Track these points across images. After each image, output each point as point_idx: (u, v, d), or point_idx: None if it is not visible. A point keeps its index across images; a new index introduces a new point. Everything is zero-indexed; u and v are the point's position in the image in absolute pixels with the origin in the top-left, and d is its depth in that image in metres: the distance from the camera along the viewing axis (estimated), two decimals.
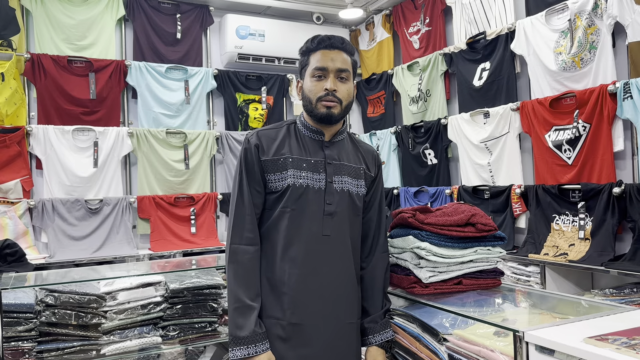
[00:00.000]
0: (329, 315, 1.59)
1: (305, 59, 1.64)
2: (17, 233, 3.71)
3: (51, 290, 2.38)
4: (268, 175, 1.59)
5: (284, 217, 1.58)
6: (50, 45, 4.00)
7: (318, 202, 1.59)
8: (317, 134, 1.65)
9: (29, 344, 2.28)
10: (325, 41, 1.61)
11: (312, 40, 1.63)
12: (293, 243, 1.57)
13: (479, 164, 3.71)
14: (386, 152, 4.75)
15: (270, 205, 1.61)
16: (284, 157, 1.59)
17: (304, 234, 1.57)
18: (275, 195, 1.59)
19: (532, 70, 3.35)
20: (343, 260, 1.62)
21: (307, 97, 1.62)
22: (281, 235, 1.58)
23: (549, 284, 2.93)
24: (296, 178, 1.58)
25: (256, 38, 4.65)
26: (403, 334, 1.79)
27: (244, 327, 1.48)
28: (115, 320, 2.43)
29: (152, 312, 2.48)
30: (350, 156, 1.69)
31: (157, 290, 2.57)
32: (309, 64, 1.62)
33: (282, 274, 1.57)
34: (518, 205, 3.39)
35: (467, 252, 1.75)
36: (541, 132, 3.24)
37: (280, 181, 1.58)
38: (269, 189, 1.60)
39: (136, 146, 4.20)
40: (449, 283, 1.74)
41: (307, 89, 1.62)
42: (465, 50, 3.87)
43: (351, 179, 1.65)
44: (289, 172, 1.58)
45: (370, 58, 5.12)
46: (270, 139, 1.62)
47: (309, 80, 1.62)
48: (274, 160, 1.59)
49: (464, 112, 3.85)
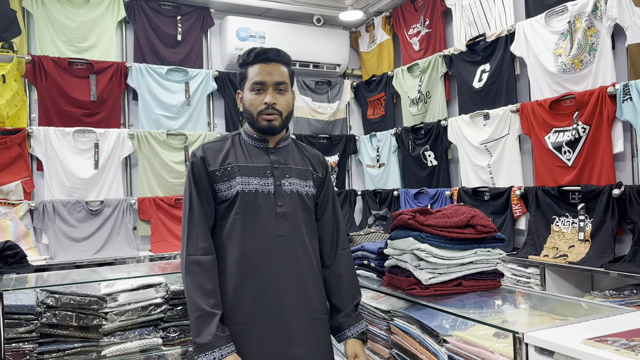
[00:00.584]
0: (293, 313, 1.62)
1: (244, 72, 1.69)
2: (18, 234, 3.71)
3: (52, 291, 2.38)
4: (217, 185, 1.64)
5: (238, 224, 1.62)
6: (51, 47, 4.01)
7: (269, 205, 1.64)
8: (261, 142, 1.71)
9: (29, 345, 2.29)
10: (261, 55, 1.65)
11: (249, 54, 1.68)
12: (250, 247, 1.61)
13: (479, 165, 3.71)
14: (386, 153, 4.76)
15: (222, 214, 1.65)
16: (231, 165, 1.64)
17: (260, 237, 1.62)
18: (226, 204, 1.64)
19: (531, 72, 3.35)
20: (301, 258, 1.66)
21: (248, 110, 1.68)
22: (237, 242, 1.62)
23: (549, 286, 2.93)
24: (244, 185, 1.63)
25: (256, 40, 4.65)
26: (403, 336, 1.80)
27: (205, 333, 1.50)
28: (116, 322, 2.43)
29: (152, 313, 2.47)
30: (296, 160, 1.75)
31: (158, 291, 2.56)
32: (248, 77, 1.67)
33: (243, 278, 1.60)
34: (518, 207, 3.39)
35: (467, 253, 1.76)
36: (541, 133, 3.24)
37: (229, 189, 1.63)
38: (219, 198, 1.65)
39: (137, 148, 4.21)
40: (448, 284, 1.74)
41: (247, 102, 1.68)
42: (465, 52, 3.88)
43: (299, 180, 1.71)
44: (236, 179, 1.63)
45: (370, 60, 5.13)
46: (216, 151, 1.67)
47: (248, 93, 1.67)
48: (221, 170, 1.64)
49: (464, 113, 3.85)
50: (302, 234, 1.68)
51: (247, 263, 1.60)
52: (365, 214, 5.01)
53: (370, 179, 5.02)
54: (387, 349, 1.88)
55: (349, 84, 5.21)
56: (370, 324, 1.99)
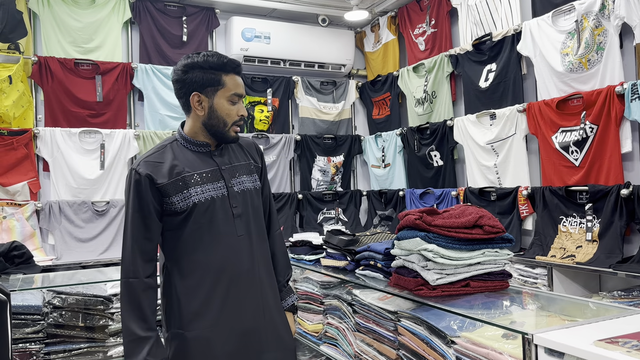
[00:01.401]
0: (261, 303, 1.70)
1: (216, 78, 1.64)
2: (25, 235, 3.73)
3: (58, 292, 2.40)
4: (169, 198, 1.60)
5: (198, 232, 1.63)
6: (57, 48, 4.03)
7: (225, 209, 1.66)
8: (203, 147, 1.69)
9: (36, 345, 2.30)
10: (235, 64, 1.67)
11: (223, 60, 1.64)
12: (214, 251, 1.64)
13: (486, 165, 3.69)
14: (392, 153, 4.75)
15: (177, 225, 1.63)
16: (181, 176, 1.62)
17: (222, 240, 1.65)
18: (182, 215, 1.62)
19: (538, 72, 3.33)
20: (259, 253, 1.73)
21: (222, 119, 1.66)
22: (200, 248, 1.63)
23: (556, 286, 2.91)
24: (201, 193, 1.63)
25: (262, 40, 4.66)
26: (410, 337, 1.79)
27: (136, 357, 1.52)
28: None
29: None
30: (238, 155, 1.77)
31: None
32: (224, 85, 1.65)
33: (210, 283, 1.63)
34: (525, 207, 3.37)
35: (474, 254, 1.75)
36: (548, 133, 3.22)
37: (185, 200, 1.61)
38: (171, 210, 1.61)
39: (142, 148, 4.21)
40: (456, 285, 1.73)
41: (223, 111, 1.66)
42: (471, 52, 3.86)
43: (247, 176, 1.75)
44: (191, 190, 1.62)
45: (376, 60, 5.12)
46: (159, 164, 1.62)
47: (225, 102, 1.66)
48: (172, 182, 1.60)
49: (470, 113, 3.84)
50: (256, 230, 1.75)
51: (212, 267, 1.63)
52: (371, 214, 5.01)
53: (376, 179, 5.01)
54: (394, 350, 1.88)
55: (354, 84, 5.21)
56: (377, 325, 1.98)
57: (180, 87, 1.66)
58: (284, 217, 4.70)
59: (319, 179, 4.99)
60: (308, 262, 2.54)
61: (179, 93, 1.68)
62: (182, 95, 1.67)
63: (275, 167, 4.77)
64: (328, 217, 4.95)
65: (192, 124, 1.68)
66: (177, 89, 1.68)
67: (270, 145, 4.74)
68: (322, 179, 5.00)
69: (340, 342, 2.25)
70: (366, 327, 2.05)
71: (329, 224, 4.91)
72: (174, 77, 1.68)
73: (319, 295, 2.47)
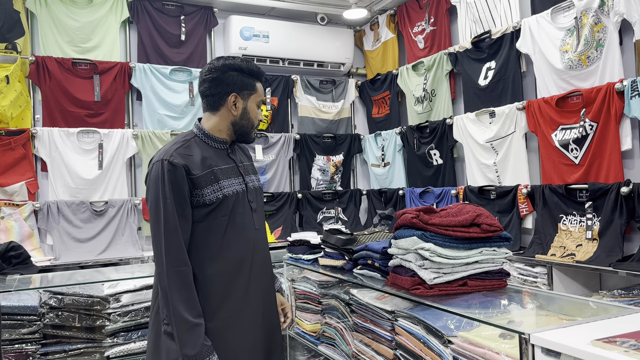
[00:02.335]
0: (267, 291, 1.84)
1: (251, 83, 1.78)
2: (23, 235, 3.72)
3: (55, 292, 2.39)
4: (200, 190, 1.66)
5: (224, 224, 1.70)
6: (55, 47, 4.02)
7: (244, 203, 1.77)
8: (222, 144, 1.79)
9: (32, 346, 2.30)
10: (263, 74, 1.83)
11: (255, 66, 1.80)
12: (238, 243, 1.73)
13: (485, 164, 3.68)
14: (391, 152, 4.74)
15: (202, 217, 1.68)
16: (212, 169, 1.70)
17: (245, 233, 1.75)
18: (209, 208, 1.68)
19: (538, 69, 3.32)
20: (266, 244, 1.89)
21: (251, 120, 1.80)
22: (225, 240, 1.70)
23: (556, 285, 2.90)
24: (228, 187, 1.72)
25: (260, 39, 4.65)
26: (407, 336, 1.77)
27: (193, 345, 1.56)
28: (119, 323, 2.46)
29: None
30: (243, 157, 1.89)
31: None
32: (256, 90, 1.79)
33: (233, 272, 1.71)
34: (524, 206, 3.36)
35: (472, 253, 1.74)
36: (547, 131, 3.21)
37: (215, 193, 1.68)
38: (200, 202, 1.67)
39: (141, 148, 4.21)
40: (453, 284, 1.72)
41: (253, 114, 1.80)
42: (471, 50, 3.85)
43: (254, 175, 1.88)
44: (221, 183, 1.70)
45: (375, 58, 5.11)
46: (190, 156, 1.68)
47: (255, 106, 1.80)
48: (205, 175, 1.67)
49: (470, 111, 3.82)
50: (264, 225, 1.89)
51: (235, 259, 1.71)
52: (371, 213, 4.99)
53: (376, 178, 5.00)
54: (391, 350, 1.86)
55: (353, 83, 5.20)
56: (374, 325, 1.97)
57: (217, 85, 1.73)
58: (283, 217, 4.69)
59: (318, 178, 4.98)
60: (306, 262, 2.53)
61: (211, 90, 1.74)
62: (216, 93, 1.73)
63: (275, 166, 4.76)
64: (328, 216, 4.93)
65: (218, 121, 1.76)
66: (211, 86, 1.73)
67: (269, 145, 4.73)
68: (321, 178, 4.99)
69: (338, 342, 2.24)
70: (364, 326, 2.04)
71: (329, 223, 4.90)
72: (209, 75, 1.73)
73: (317, 295, 2.46)
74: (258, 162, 4.64)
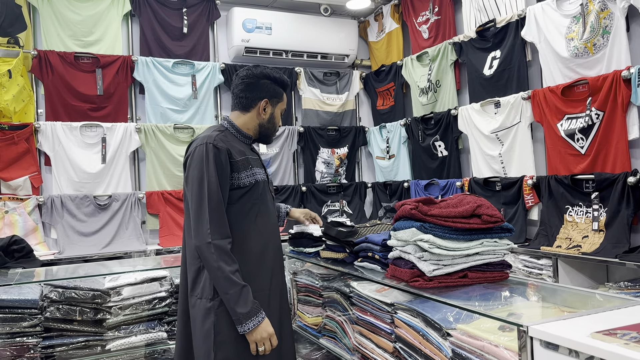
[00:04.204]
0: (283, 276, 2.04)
1: (280, 92, 2.03)
2: (27, 229, 3.73)
3: (55, 285, 2.39)
4: (238, 173, 1.86)
5: (256, 207, 1.91)
6: (57, 41, 4.01)
7: (268, 191, 2.02)
8: (248, 139, 2.02)
9: (33, 339, 2.30)
10: (290, 85, 2.16)
11: (285, 79, 2.04)
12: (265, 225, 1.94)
13: (490, 155, 3.63)
14: (396, 144, 4.70)
15: (236, 199, 1.86)
16: (246, 156, 1.91)
17: (270, 217, 1.98)
18: (244, 190, 1.88)
19: (543, 58, 3.26)
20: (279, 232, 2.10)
21: (275, 126, 2.06)
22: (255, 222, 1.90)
23: (562, 277, 2.86)
24: (258, 174, 1.94)
25: (263, 31, 4.61)
26: (407, 329, 1.75)
27: (247, 303, 1.74)
28: (120, 316, 2.45)
29: (157, 307, 2.51)
30: (256, 153, 2.08)
31: (162, 285, 2.57)
32: (283, 99, 2.05)
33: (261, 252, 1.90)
34: (530, 197, 3.31)
35: (472, 244, 1.72)
36: (553, 121, 3.15)
37: (249, 177, 1.89)
38: (237, 185, 1.86)
39: (144, 142, 4.21)
40: (453, 276, 1.70)
41: (277, 120, 2.06)
42: (475, 39, 3.79)
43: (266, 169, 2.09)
44: (253, 169, 1.92)
45: (379, 49, 5.06)
46: (229, 144, 1.88)
47: (279, 112, 2.06)
48: (242, 160, 1.88)
49: (475, 102, 3.77)
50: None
51: (264, 239, 1.91)
52: (376, 206, 4.97)
53: (381, 171, 4.97)
54: (391, 343, 1.84)
55: (357, 75, 5.15)
56: (374, 317, 1.95)
57: (252, 89, 1.96)
58: None
59: (322, 171, 4.95)
60: (307, 255, 2.51)
61: (245, 93, 1.96)
62: (250, 97, 1.97)
63: (279, 159, 4.74)
64: (332, 209, 4.91)
65: (247, 120, 1.99)
66: (246, 89, 1.96)
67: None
68: (326, 171, 4.96)
69: (339, 335, 2.22)
70: (364, 319, 2.02)
71: (334, 216, 4.88)
72: (246, 79, 1.97)
73: (319, 288, 2.44)
74: (262, 155, 4.62)
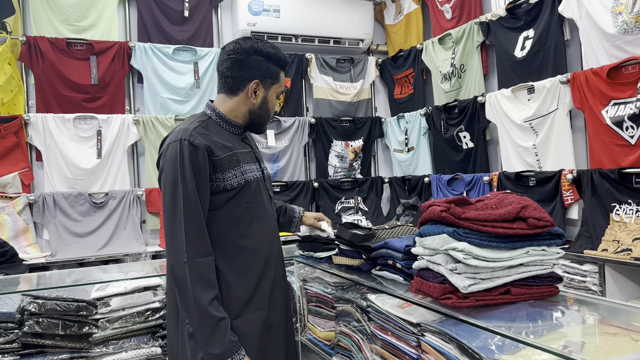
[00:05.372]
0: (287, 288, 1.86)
1: (276, 71, 1.71)
2: (17, 230, 3.58)
3: (35, 296, 2.22)
4: (222, 173, 1.60)
5: (248, 211, 1.65)
6: (48, 27, 3.87)
7: (265, 190, 1.76)
8: (237, 129, 1.74)
9: (10, 357, 2.15)
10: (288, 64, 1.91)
11: (282, 54, 1.73)
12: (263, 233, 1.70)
13: (523, 146, 3.42)
14: (416, 136, 4.53)
15: (222, 204, 1.61)
16: (232, 152, 1.63)
17: (267, 221, 1.74)
18: (231, 193, 1.61)
19: (584, 36, 3.03)
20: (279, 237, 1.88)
21: (269, 112, 1.75)
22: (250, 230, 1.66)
23: (610, 286, 2.60)
24: (249, 172, 1.67)
25: (270, 14, 4.44)
26: (437, 356, 1.51)
27: (221, 342, 1.50)
28: (109, 330, 2.29)
29: (150, 319, 2.35)
30: (253, 143, 1.85)
31: (156, 294, 2.41)
32: (279, 80, 1.74)
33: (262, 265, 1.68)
34: (570, 193, 3.09)
35: (516, 253, 1.48)
36: (597, 107, 2.91)
37: (237, 177, 1.63)
38: (221, 187, 1.60)
39: (143, 135, 4.06)
40: (493, 292, 1.46)
41: (272, 104, 1.75)
42: (505, 18, 3.58)
43: (264, 163, 1.86)
44: (242, 167, 1.64)
45: (397, 33, 4.88)
46: (209, 138, 1.61)
47: (274, 96, 1.74)
48: (227, 157, 1.61)
49: (505, 87, 3.57)
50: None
51: (261, 250, 1.67)
52: (394, 203, 4.81)
53: (399, 165, 4.79)
54: None
55: (373, 61, 4.99)
56: (397, 338, 1.71)
57: (239, 68, 1.66)
58: None
59: (336, 166, 4.75)
60: (318, 260, 2.31)
61: (232, 72, 1.66)
62: (237, 77, 1.66)
63: (289, 153, 4.56)
64: (347, 206, 4.70)
65: (235, 106, 1.70)
66: (232, 68, 1.66)
67: (282, 130, 4.52)
68: (339, 165, 4.76)
69: (354, 354, 1.99)
70: (384, 339, 1.78)
71: (348, 214, 4.67)
72: (233, 55, 1.66)
73: (331, 298, 2.23)
74: (270, 148, 4.46)
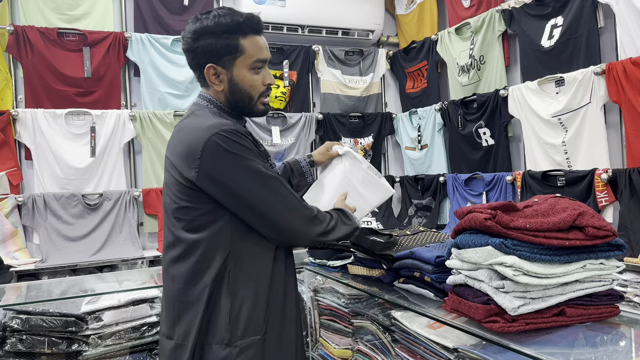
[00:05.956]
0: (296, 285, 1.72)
1: (233, 44, 1.46)
2: (5, 234, 3.44)
3: (18, 311, 2.06)
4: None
5: None
6: (38, 16, 3.75)
7: None
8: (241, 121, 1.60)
9: None
10: (255, 22, 1.48)
11: (234, 17, 1.46)
12: None
13: (551, 143, 3.26)
14: (429, 133, 4.42)
15: None
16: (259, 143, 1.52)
17: None
18: None
19: (621, 23, 2.87)
20: None
21: (247, 92, 1.51)
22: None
23: None
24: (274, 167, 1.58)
25: (275, 3, 4.33)
26: None
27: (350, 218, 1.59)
28: (100, 347, 2.14)
29: (146, 335, 2.21)
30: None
31: (153, 307, 2.26)
32: (243, 51, 1.47)
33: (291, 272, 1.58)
34: (604, 195, 2.94)
35: (571, 268, 1.30)
36: (636, 100, 2.76)
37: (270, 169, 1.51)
38: None
39: (140, 131, 3.94)
40: (545, 314, 1.29)
41: (246, 83, 1.50)
42: (530, 4, 3.44)
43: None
44: (270, 161, 1.55)
45: (409, 23, 4.77)
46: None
47: (247, 73, 1.50)
48: (261, 150, 1.51)
49: (530, 80, 3.43)
50: None
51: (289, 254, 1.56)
52: (405, 203, 4.70)
53: (411, 163, 4.68)
54: None
55: (384, 54, 4.88)
56: None
57: (192, 58, 1.50)
58: None
59: None
60: (332, 269, 2.16)
61: (191, 64, 1.52)
62: (196, 67, 1.51)
63: (295, 150, 4.47)
64: None
65: (215, 96, 1.54)
66: (189, 60, 1.52)
67: (288, 126, 4.41)
68: None
69: None
70: None
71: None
72: (183, 45, 1.52)
73: (347, 313, 2.06)
74: (275, 146, 4.36)
